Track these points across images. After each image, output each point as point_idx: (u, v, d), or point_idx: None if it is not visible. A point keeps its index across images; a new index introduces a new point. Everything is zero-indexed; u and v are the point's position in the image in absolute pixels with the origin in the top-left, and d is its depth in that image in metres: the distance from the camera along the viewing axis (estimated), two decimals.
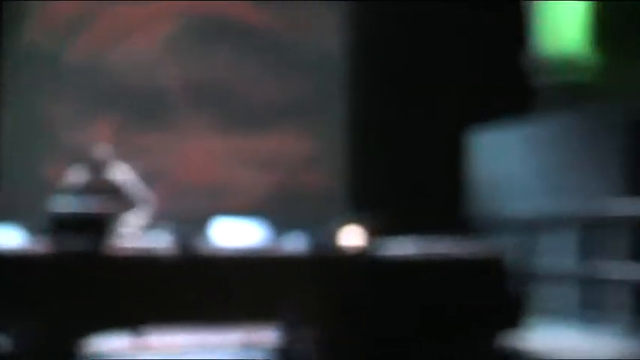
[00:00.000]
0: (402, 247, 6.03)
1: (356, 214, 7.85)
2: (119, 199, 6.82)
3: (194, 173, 9.57)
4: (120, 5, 9.55)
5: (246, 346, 5.77)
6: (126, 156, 7.42)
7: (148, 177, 7.48)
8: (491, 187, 8.98)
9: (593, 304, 7.51)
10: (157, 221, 6.81)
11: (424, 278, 5.80)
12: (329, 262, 5.62)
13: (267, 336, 5.63)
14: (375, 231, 5.84)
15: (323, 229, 5.85)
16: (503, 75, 10.27)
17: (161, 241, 5.51)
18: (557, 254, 7.93)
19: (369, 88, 9.99)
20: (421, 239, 6.32)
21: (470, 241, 7.00)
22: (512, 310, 6.72)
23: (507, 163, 8.77)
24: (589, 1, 10.04)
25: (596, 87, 10.42)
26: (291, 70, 9.94)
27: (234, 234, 5.79)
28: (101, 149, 7.21)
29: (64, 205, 5.76)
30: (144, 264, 5.32)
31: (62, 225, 5.29)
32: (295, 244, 5.82)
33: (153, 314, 5.23)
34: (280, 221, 6.14)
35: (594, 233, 7.54)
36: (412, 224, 6.74)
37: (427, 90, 10.11)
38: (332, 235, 5.77)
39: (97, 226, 5.34)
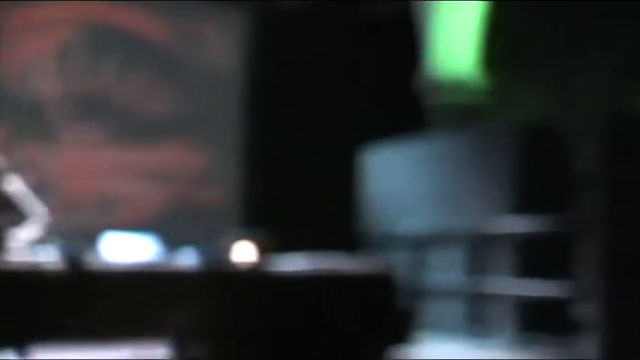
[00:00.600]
0: (294, 264, 6.07)
1: (249, 231, 7.85)
2: (10, 212, 6.61)
3: (84, 187, 9.35)
4: (6, 11, 9.27)
5: None
6: (14, 168, 7.21)
7: (38, 190, 7.28)
8: (383, 205, 9.11)
9: (480, 318, 7.70)
10: (48, 235, 6.64)
11: (315, 294, 5.85)
12: (220, 278, 5.59)
13: (158, 353, 5.55)
14: (268, 247, 5.85)
15: (215, 245, 5.82)
16: (396, 94, 10.47)
17: (49, 256, 5.37)
18: (445, 270, 8.10)
19: (265, 104, 10.00)
20: (313, 256, 6.37)
21: (361, 258, 7.09)
22: (401, 325, 6.84)
23: (399, 180, 8.92)
24: (480, 24, 10.37)
25: (485, 107, 10.76)
26: (185, 83, 9.85)
27: (125, 249, 5.70)
28: None
29: None
30: (29, 280, 5.17)
31: None
32: (187, 259, 5.77)
33: (39, 332, 5.08)
34: (172, 236, 6.08)
35: (481, 250, 7.75)
36: (305, 241, 6.77)
37: (322, 107, 10.19)
38: (224, 251, 5.75)
39: None
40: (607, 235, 6.52)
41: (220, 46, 10.08)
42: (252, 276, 5.70)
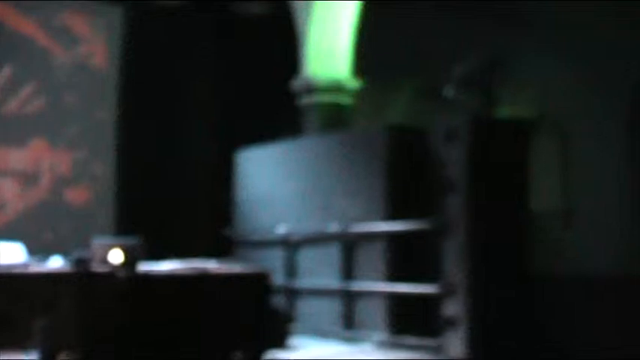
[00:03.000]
0: (166, 266, 6.03)
1: (118, 235, 7.78)
2: None
3: None
4: None
5: None
6: None
7: None
8: (256, 207, 9.11)
9: (353, 318, 7.83)
10: None
11: (187, 296, 5.83)
12: (89, 282, 5.50)
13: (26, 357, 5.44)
14: (140, 251, 5.80)
15: (84, 249, 5.73)
16: (270, 95, 10.51)
17: None
18: (318, 271, 8.19)
19: (137, 103, 9.82)
20: (186, 259, 6.35)
21: (234, 260, 7.11)
22: (274, 326, 6.90)
23: (272, 183, 8.92)
24: (354, 29, 10.54)
25: (359, 110, 10.95)
26: (54, 80, 9.59)
27: None
28: None
29: None
30: None
31: None
32: (56, 264, 5.68)
33: None
34: (40, 240, 5.96)
35: (353, 251, 7.87)
36: (178, 244, 6.76)
37: (195, 111, 10.13)
38: (93, 255, 5.65)
39: None
40: (469, 235, 6.74)
41: (91, 43, 9.86)
42: (121, 279, 5.61)
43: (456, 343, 6.76)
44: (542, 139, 9.30)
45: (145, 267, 5.88)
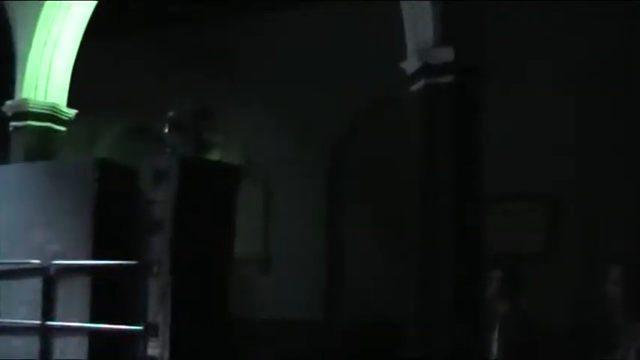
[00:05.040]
0: None
1: None
2: None
3: None
4: None
5: None
6: None
7: None
8: None
9: (52, 357, 7.56)
10: None
11: None
12: None
13: None
14: None
15: None
16: None
17: None
18: (16, 309, 7.84)
19: None
20: None
21: None
22: None
23: None
24: (74, 57, 10.36)
25: (70, 141, 10.71)
26: None
27: None
28: None
29: None
30: None
31: None
32: None
33: None
34: None
35: (54, 286, 7.63)
36: None
37: None
38: None
39: None
40: (172, 275, 6.83)
41: None
42: None
43: None
44: (247, 185, 9.67)
45: None
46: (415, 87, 8.73)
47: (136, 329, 6.90)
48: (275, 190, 12.70)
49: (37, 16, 10.17)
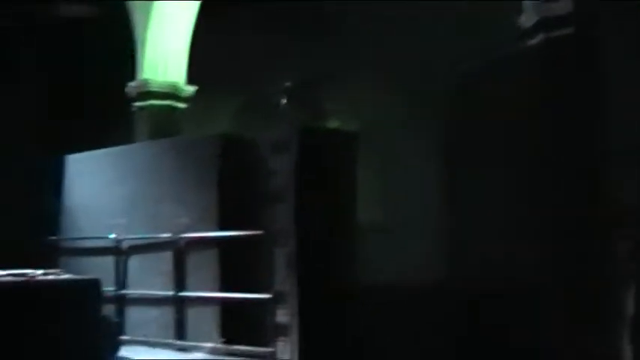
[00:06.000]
0: None
1: None
2: None
3: None
4: None
5: None
6: None
7: None
8: (86, 214, 8.90)
9: (184, 327, 7.82)
10: None
11: (9, 307, 5.64)
12: None
13: None
14: None
15: None
16: (105, 101, 10.33)
17: None
18: (149, 278, 8.13)
19: None
20: (7, 269, 6.14)
21: (61, 269, 6.93)
22: (106, 337, 6.78)
23: (104, 189, 8.76)
24: (191, 34, 10.57)
25: (191, 117, 10.96)
26: None
27: None
28: None
29: None
30: None
31: None
32: None
33: None
34: None
35: (185, 257, 7.87)
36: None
37: (18, 117, 9.80)
38: None
39: None
40: (298, 243, 6.93)
41: None
42: None
43: (287, 351, 6.91)
44: (366, 151, 9.65)
45: None
46: (533, 41, 8.46)
47: (264, 298, 7.05)
48: (393, 154, 12.66)
49: None
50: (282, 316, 6.97)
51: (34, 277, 6.02)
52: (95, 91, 10.38)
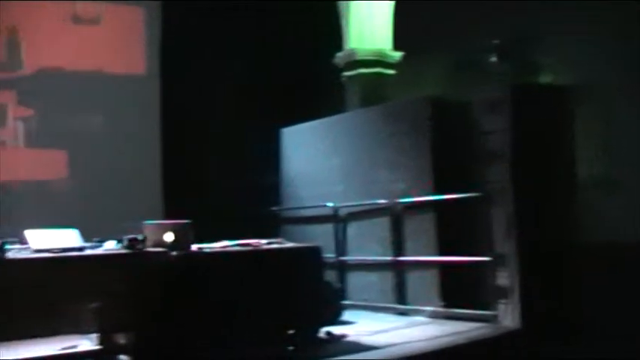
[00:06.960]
0: (218, 246, 6.09)
1: (169, 216, 7.82)
2: None
3: None
4: None
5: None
6: None
7: None
8: (303, 184, 9.15)
9: (404, 291, 7.86)
10: None
11: (241, 274, 5.86)
12: (144, 262, 5.55)
13: (84, 345, 5.52)
14: (191, 232, 5.84)
15: (135, 233, 5.76)
16: (314, 73, 10.53)
17: None
18: (366, 244, 8.23)
19: (180, 86, 9.77)
20: (235, 237, 6.39)
21: (283, 238, 7.16)
22: (329, 302, 6.94)
23: (319, 159, 8.96)
24: (393, 1, 10.54)
25: (399, 82, 10.94)
26: None
27: (48, 240, 5.59)
28: None
29: None
30: None
31: None
32: (108, 247, 5.75)
33: None
34: (91, 225, 5.94)
35: (400, 222, 7.89)
36: (225, 225, 6.78)
37: (237, 92, 10.15)
38: (146, 237, 5.70)
39: None
40: (517, 204, 6.74)
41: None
42: (175, 257, 5.63)
43: (509, 313, 6.77)
44: (583, 106, 9.22)
45: (199, 247, 5.95)
46: None
47: (484, 260, 6.94)
48: (613, 110, 12.02)
49: None
50: (502, 278, 6.84)
51: (258, 246, 6.24)
52: (304, 64, 10.58)
